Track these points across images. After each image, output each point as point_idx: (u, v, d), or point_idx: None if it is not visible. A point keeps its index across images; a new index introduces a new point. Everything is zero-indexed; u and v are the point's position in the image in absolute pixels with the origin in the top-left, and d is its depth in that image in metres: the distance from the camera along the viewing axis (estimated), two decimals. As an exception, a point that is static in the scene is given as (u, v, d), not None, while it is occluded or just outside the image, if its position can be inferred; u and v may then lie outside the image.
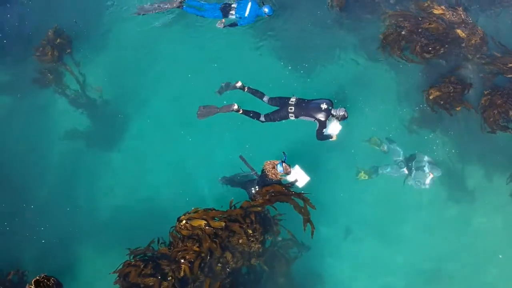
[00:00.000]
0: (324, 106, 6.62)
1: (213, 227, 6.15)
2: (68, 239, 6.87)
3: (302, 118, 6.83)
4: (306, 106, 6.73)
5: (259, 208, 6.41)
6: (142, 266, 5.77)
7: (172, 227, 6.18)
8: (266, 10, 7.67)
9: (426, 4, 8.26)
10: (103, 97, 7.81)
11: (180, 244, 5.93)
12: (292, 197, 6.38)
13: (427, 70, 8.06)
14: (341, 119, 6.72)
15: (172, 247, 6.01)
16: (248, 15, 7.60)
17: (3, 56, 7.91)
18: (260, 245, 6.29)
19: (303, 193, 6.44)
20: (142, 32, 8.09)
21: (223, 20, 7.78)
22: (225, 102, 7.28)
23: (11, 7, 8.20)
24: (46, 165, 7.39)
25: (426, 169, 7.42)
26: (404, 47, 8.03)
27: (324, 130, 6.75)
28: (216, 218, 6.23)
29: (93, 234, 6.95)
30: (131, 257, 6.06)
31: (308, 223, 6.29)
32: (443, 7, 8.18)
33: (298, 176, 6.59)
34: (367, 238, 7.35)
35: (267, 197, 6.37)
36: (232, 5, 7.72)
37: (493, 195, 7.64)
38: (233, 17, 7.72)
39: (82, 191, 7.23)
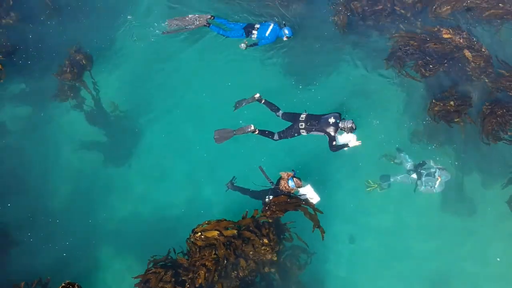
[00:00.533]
0: (332, 120, 6.93)
1: (225, 236, 6.48)
2: (88, 248, 7.21)
3: (313, 133, 7.14)
4: (316, 122, 7.04)
5: (270, 220, 6.69)
6: (162, 273, 6.05)
7: (188, 238, 6.47)
8: (287, 31, 7.95)
9: (435, 29, 8.52)
10: (120, 112, 8.16)
11: (198, 254, 6.23)
12: (302, 205, 6.71)
13: (432, 85, 8.35)
14: (349, 131, 6.97)
15: (190, 257, 6.31)
16: (268, 35, 7.93)
17: (25, 72, 8.27)
18: (274, 254, 6.60)
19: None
20: (159, 50, 8.45)
21: (246, 41, 8.12)
22: (241, 121, 7.62)
23: (34, 27, 8.60)
24: (67, 178, 7.77)
25: (436, 174, 7.66)
26: (407, 64, 8.35)
27: (334, 142, 7.01)
28: (228, 227, 6.54)
29: (111, 244, 7.29)
30: (151, 265, 6.36)
31: (317, 228, 6.59)
32: (450, 30, 8.43)
33: (310, 195, 6.87)
34: (373, 246, 7.67)
35: (275, 208, 6.68)
36: (255, 26, 8.06)
37: (492, 204, 7.93)
38: (255, 37, 8.05)
39: (99, 203, 7.57)
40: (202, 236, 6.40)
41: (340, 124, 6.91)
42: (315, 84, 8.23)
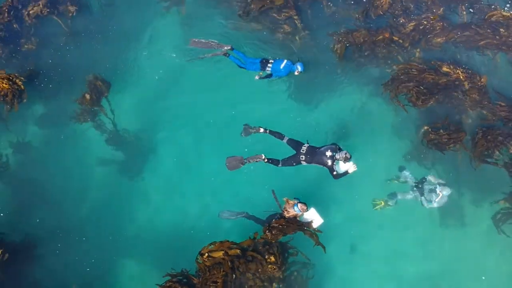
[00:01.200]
0: (329, 153, 7.50)
1: (230, 255, 7.19)
2: (109, 262, 7.93)
3: (313, 164, 7.74)
4: (314, 155, 7.63)
5: (273, 241, 7.36)
6: (178, 288, 6.89)
7: (196, 259, 7.15)
8: (299, 67, 8.59)
9: (437, 64, 8.97)
10: (134, 133, 8.77)
11: (208, 273, 7.00)
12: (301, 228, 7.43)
13: (428, 113, 8.87)
14: (345, 160, 7.51)
15: (201, 275, 7.08)
16: (282, 69, 8.58)
17: (47, 94, 8.92)
18: (281, 272, 7.30)
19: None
20: (171, 76, 9.06)
21: (261, 73, 8.78)
22: (246, 150, 8.29)
23: (54, 52, 9.20)
24: (86, 194, 8.41)
25: (437, 189, 8.12)
26: (402, 92, 8.84)
27: (335, 172, 7.57)
28: (231, 247, 7.22)
29: (131, 258, 7.99)
30: (168, 278, 7.09)
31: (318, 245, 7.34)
32: (451, 66, 8.87)
33: (313, 218, 7.47)
34: (374, 259, 8.26)
35: (274, 231, 7.34)
36: (270, 60, 8.70)
37: (480, 222, 8.49)
38: (269, 70, 8.68)
39: (119, 220, 8.23)
40: (210, 258, 7.09)
41: (336, 156, 7.46)
42: (314, 118, 8.81)
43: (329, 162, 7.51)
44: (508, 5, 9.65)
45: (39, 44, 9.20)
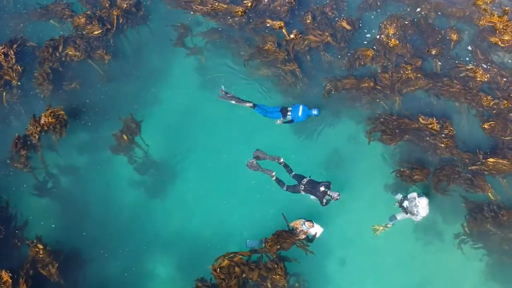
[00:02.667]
0: (322, 188, 9.25)
1: (235, 261, 9.08)
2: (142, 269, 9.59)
3: (308, 194, 9.54)
4: (312, 188, 9.37)
5: (274, 255, 9.13)
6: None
7: (211, 272, 8.93)
8: (315, 112, 10.21)
9: (416, 115, 10.51)
10: (161, 164, 10.34)
11: (224, 283, 8.82)
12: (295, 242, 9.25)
13: (403, 151, 10.50)
14: (334, 198, 9.27)
15: (220, 285, 8.87)
16: (301, 115, 10.18)
17: (87, 128, 10.51)
18: (285, 281, 9.02)
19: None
20: (193, 117, 10.72)
21: (282, 119, 10.36)
22: (253, 182, 10.04)
23: (92, 93, 10.76)
24: (119, 210, 9.89)
25: (416, 201, 9.14)
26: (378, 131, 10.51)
27: (324, 204, 9.41)
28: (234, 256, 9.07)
29: (160, 265, 9.57)
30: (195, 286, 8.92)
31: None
32: (426, 117, 10.35)
33: (316, 230, 9.22)
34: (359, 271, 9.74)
35: (269, 244, 9.16)
36: (288, 108, 10.27)
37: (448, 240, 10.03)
38: (289, 117, 10.26)
39: (150, 233, 9.80)
40: (221, 270, 8.93)
41: (328, 192, 9.22)
42: (309, 148, 10.46)
43: (321, 196, 9.28)
44: (467, 58, 11.30)
45: (80, 85, 10.76)
